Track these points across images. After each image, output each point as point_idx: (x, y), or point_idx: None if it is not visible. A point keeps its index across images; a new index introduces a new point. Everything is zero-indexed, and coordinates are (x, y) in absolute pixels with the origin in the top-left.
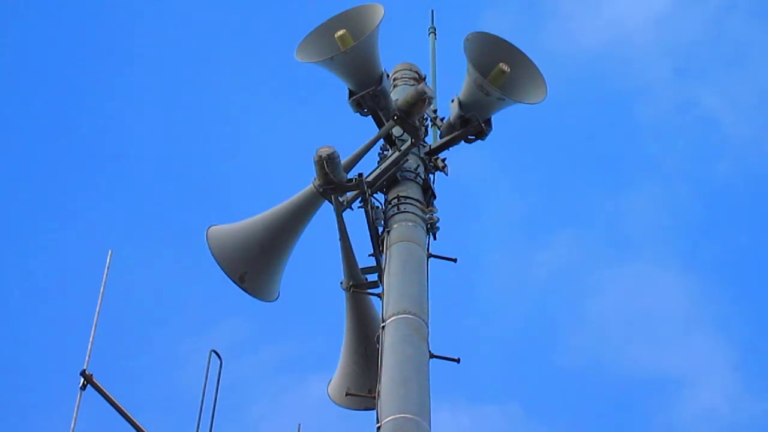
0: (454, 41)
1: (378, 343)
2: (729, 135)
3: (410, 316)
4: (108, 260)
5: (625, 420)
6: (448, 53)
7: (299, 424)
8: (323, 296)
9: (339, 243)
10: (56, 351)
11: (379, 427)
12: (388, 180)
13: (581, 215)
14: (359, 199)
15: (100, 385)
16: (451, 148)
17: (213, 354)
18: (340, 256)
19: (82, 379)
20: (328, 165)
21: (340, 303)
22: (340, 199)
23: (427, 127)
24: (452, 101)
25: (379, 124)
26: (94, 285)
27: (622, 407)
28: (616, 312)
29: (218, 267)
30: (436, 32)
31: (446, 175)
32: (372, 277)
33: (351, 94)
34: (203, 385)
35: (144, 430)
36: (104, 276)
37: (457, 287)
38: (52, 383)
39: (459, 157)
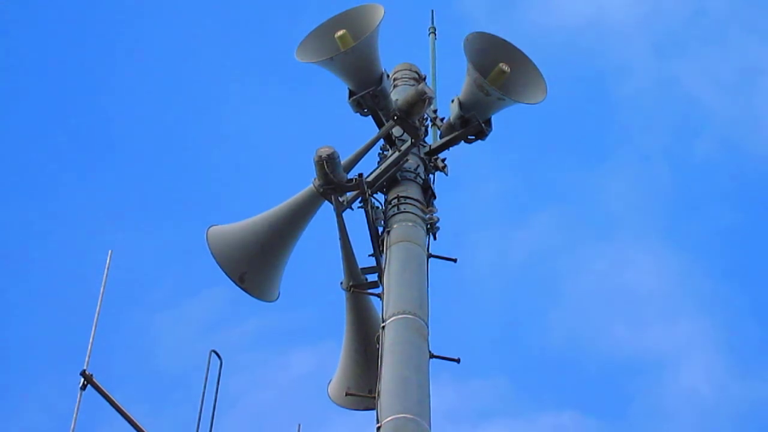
0: (454, 41)
1: (378, 343)
2: (709, 112)
3: (410, 316)
4: (108, 260)
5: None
6: (448, 53)
7: (299, 424)
8: (323, 296)
9: (339, 243)
10: (56, 351)
11: (379, 427)
12: (388, 180)
13: (561, 193)
14: (359, 199)
15: (100, 385)
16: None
17: (213, 354)
18: (340, 256)
19: (82, 379)
20: (328, 165)
21: (339, 301)
22: (340, 199)
23: (427, 127)
24: (452, 101)
25: (379, 124)
26: (94, 285)
27: (603, 388)
28: (596, 291)
29: (218, 266)
30: (436, 32)
31: (446, 175)
32: (372, 277)
33: (351, 94)
34: (203, 385)
35: (144, 430)
36: (104, 276)
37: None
38: (52, 383)
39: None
